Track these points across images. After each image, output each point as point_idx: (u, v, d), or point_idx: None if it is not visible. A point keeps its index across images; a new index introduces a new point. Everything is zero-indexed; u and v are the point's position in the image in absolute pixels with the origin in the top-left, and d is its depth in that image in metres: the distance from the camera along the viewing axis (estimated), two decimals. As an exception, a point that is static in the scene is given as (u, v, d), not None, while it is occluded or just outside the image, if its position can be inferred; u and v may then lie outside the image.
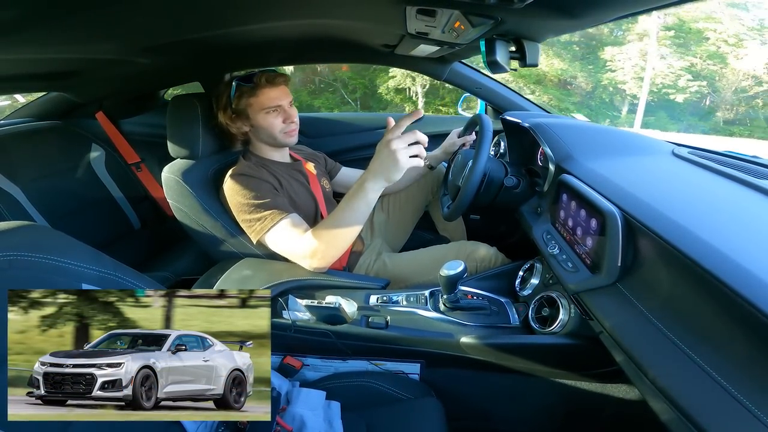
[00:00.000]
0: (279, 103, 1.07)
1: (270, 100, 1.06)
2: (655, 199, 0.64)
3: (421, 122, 1.75)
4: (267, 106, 1.06)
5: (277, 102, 1.07)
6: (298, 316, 0.89)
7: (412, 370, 0.92)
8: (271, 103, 1.06)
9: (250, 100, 1.06)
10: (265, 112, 1.07)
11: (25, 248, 0.56)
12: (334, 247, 0.95)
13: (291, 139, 1.12)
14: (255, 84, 1.05)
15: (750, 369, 0.42)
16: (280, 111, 1.08)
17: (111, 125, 1.62)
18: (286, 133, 1.10)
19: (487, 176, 1.06)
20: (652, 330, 0.53)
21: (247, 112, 1.08)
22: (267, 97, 1.06)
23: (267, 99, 1.06)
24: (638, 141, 1.01)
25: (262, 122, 1.08)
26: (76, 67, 1.12)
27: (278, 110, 1.08)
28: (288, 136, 1.11)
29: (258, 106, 1.06)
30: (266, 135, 1.11)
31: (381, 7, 0.79)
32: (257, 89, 1.05)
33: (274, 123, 1.08)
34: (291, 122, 1.10)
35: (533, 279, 0.97)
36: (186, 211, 1.05)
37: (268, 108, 1.06)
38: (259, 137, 1.13)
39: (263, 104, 1.06)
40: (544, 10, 0.64)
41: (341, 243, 0.94)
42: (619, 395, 0.87)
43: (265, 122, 1.08)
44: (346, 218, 0.91)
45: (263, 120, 1.08)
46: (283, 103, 1.08)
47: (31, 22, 0.63)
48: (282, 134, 1.10)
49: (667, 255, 0.54)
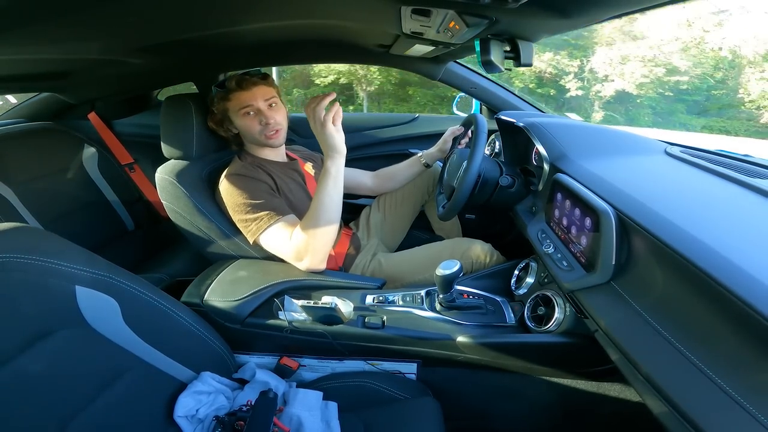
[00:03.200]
0: (251, 104, 1.06)
1: (241, 102, 1.06)
2: (649, 197, 0.64)
3: (416, 122, 1.76)
4: (239, 109, 1.06)
5: (248, 103, 1.06)
6: (294, 317, 0.89)
7: (408, 370, 0.92)
8: (242, 105, 1.06)
9: (226, 105, 1.08)
10: (241, 115, 1.07)
11: (17, 250, 0.55)
12: (320, 240, 0.95)
13: (273, 140, 1.10)
14: (227, 88, 1.06)
15: (743, 366, 0.42)
16: (255, 113, 1.07)
17: (104, 126, 1.60)
18: (265, 135, 1.09)
19: (482, 176, 1.07)
20: (646, 328, 0.54)
21: (228, 115, 1.09)
22: (238, 100, 1.06)
23: (238, 102, 1.06)
24: (631, 140, 1.02)
25: (240, 124, 1.09)
26: (68, 67, 1.11)
27: (253, 112, 1.07)
28: (268, 138, 1.09)
29: (233, 109, 1.07)
30: (249, 136, 1.11)
31: (375, 7, 0.79)
32: (229, 93, 1.06)
33: (250, 125, 1.08)
34: (267, 124, 1.07)
35: (529, 278, 0.98)
36: (180, 212, 1.04)
37: (241, 110, 1.06)
38: (246, 139, 1.13)
39: (236, 107, 1.06)
40: (538, 9, 0.64)
41: (325, 234, 0.95)
42: (614, 393, 0.87)
43: (243, 124, 1.08)
44: (322, 205, 0.94)
45: (241, 122, 1.08)
46: (257, 105, 1.06)
47: (22, 22, 0.63)
48: (261, 136, 1.09)
49: (661, 253, 0.54)
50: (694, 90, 11.82)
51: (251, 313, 0.90)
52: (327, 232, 0.96)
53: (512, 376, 0.90)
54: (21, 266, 0.55)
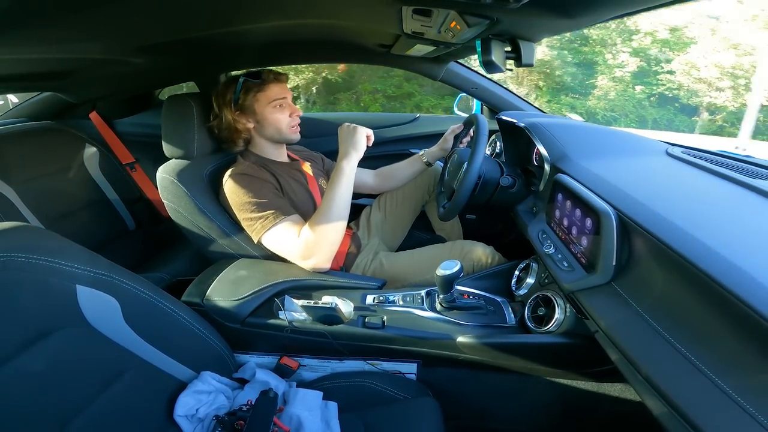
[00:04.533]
0: (285, 96, 1.12)
1: (276, 94, 1.11)
2: (650, 198, 0.64)
3: (417, 122, 1.76)
4: (273, 100, 1.10)
5: (282, 95, 1.11)
6: (294, 317, 0.89)
7: (409, 370, 0.92)
8: (277, 96, 1.10)
9: (258, 95, 1.10)
10: (272, 106, 1.10)
11: (19, 250, 0.55)
12: (329, 238, 0.97)
13: (295, 135, 1.16)
14: (263, 80, 1.10)
15: (743, 367, 0.42)
16: (285, 105, 1.12)
17: (105, 125, 1.61)
18: (292, 127, 1.14)
19: (482, 176, 1.07)
20: (646, 329, 0.54)
21: (253, 107, 1.11)
22: (274, 91, 1.10)
23: (274, 93, 1.10)
24: (632, 141, 1.02)
25: (269, 116, 1.11)
26: (69, 67, 1.11)
27: (284, 104, 1.12)
28: (293, 131, 1.15)
29: (265, 100, 1.10)
30: (273, 129, 1.13)
31: (376, 7, 0.79)
32: (265, 84, 1.10)
33: (280, 117, 1.12)
34: (296, 116, 1.14)
35: (529, 278, 0.98)
36: (181, 211, 1.04)
37: (275, 101, 1.10)
38: (264, 133, 1.14)
39: (270, 97, 1.10)
40: (539, 9, 0.64)
41: (334, 232, 0.98)
42: (614, 394, 0.87)
43: (272, 116, 1.11)
44: (334, 203, 0.99)
45: (270, 114, 1.11)
46: (288, 98, 1.13)
47: (23, 21, 0.63)
48: (288, 128, 1.14)
49: (662, 254, 0.54)
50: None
51: (251, 313, 0.90)
52: (336, 230, 0.98)
53: (512, 376, 0.90)
54: (22, 265, 0.55)
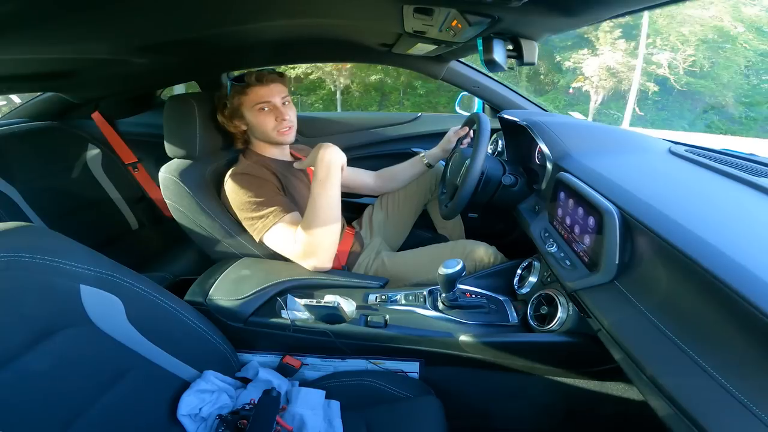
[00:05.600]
0: (268, 100, 1.08)
1: (259, 98, 1.07)
2: (653, 197, 0.64)
3: (419, 121, 1.75)
4: (256, 103, 1.07)
5: (266, 99, 1.07)
6: (297, 316, 0.89)
7: (411, 369, 0.92)
8: (259, 100, 1.07)
9: (242, 99, 1.08)
10: (257, 110, 1.08)
11: (22, 249, 0.56)
12: (323, 239, 0.96)
13: (285, 137, 1.12)
14: (246, 83, 1.07)
15: (747, 366, 0.42)
16: (271, 109, 1.09)
17: (107, 125, 1.61)
18: (278, 131, 1.10)
19: (485, 175, 1.06)
20: (649, 328, 0.53)
21: (240, 110, 1.09)
22: (256, 94, 1.07)
23: (256, 96, 1.07)
24: (635, 139, 1.02)
25: (254, 120, 1.09)
26: (71, 67, 1.11)
27: (269, 108, 1.08)
28: (281, 134, 1.11)
29: (248, 104, 1.08)
30: (260, 133, 1.12)
31: (378, 6, 0.79)
32: (247, 87, 1.07)
33: (265, 121, 1.09)
34: (282, 120, 1.09)
35: (531, 277, 0.98)
36: (184, 211, 1.04)
37: (257, 105, 1.07)
38: (256, 135, 1.14)
39: (252, 101, 1.07)
40: (541, 8, 0.64)
41: (326, 233, 0.96)
42: (617, 393, 0.87)
43: (257, 120, 1.09)
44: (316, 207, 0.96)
45: (255, 118, 1.09)
46: (273, 101, 1.08)
47: (26, 22, 0.63)
48: (275, 132, 1.10)
49: (665, 253, 0.54)
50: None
51: (254, 312, 0.90)
52: (330, 233, 0.97)
53: (515, 375, 0.90)
54: (25, 265, 0.55)
